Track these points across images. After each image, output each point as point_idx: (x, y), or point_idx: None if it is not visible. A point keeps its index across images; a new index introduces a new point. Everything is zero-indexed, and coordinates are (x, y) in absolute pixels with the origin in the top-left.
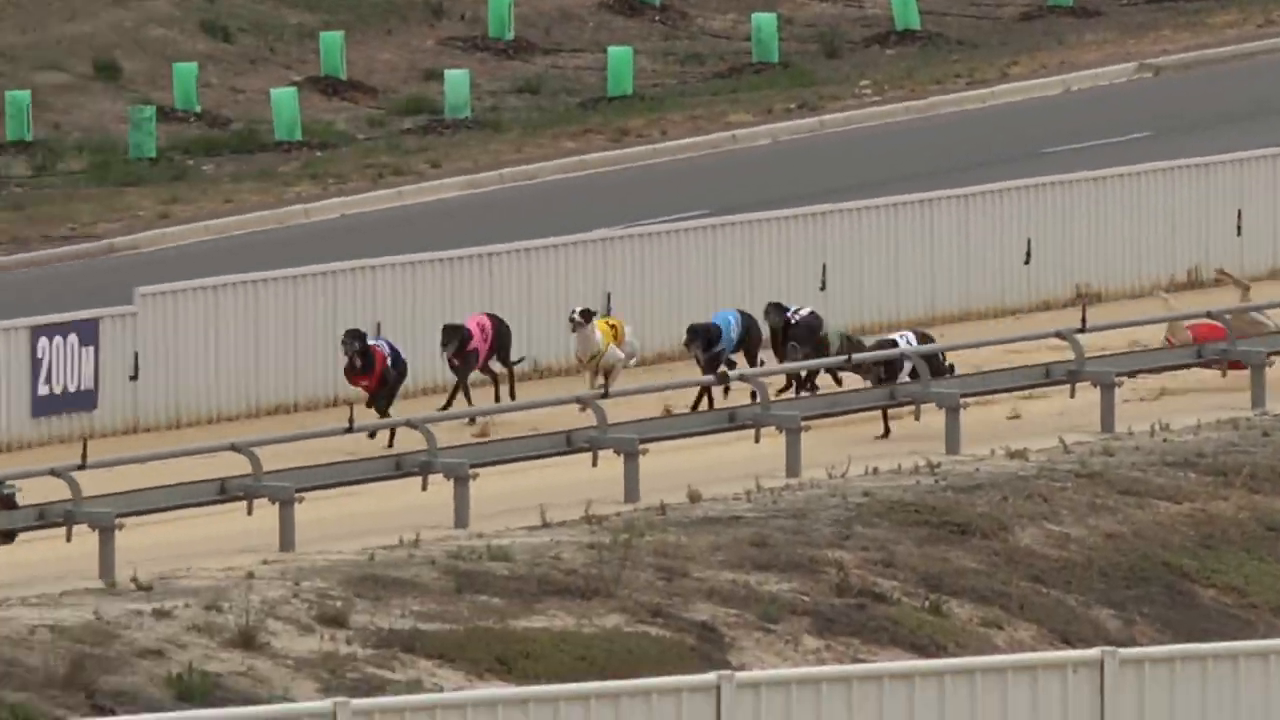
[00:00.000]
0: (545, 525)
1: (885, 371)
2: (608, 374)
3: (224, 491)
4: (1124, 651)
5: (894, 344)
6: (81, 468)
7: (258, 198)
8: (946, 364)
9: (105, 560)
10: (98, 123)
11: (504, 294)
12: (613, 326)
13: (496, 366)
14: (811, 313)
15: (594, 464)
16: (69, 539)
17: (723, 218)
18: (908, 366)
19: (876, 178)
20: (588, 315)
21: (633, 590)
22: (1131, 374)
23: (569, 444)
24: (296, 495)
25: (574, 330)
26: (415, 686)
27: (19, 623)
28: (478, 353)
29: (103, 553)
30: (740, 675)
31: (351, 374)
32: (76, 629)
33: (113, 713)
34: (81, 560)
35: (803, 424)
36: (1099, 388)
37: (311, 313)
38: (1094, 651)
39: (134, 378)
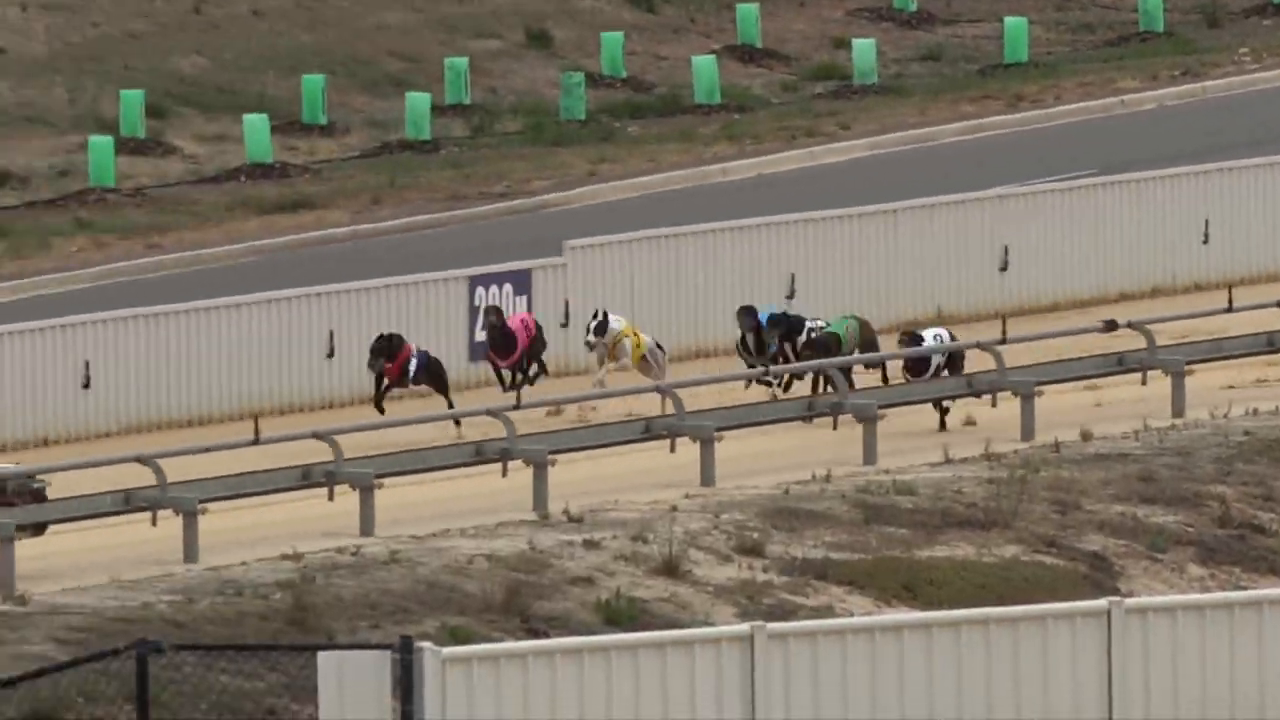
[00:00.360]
0: (947, 461)
1: (913, 368)
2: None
3: (648, 431)
4: (1129, 601)
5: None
6: (516, 408)
7: (678, 157)
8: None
9: (539, 494)
10: (531, 87)
11: (908, 248)
12: (634, 334)
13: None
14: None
15: (993, 404)
16: (504, 474)
17: (1111, 177)
18: (936, 361)
19: (1256, 138)
20: (603, 328)
21: (1029, 522)
22: None
23: (969, 386)
24: (716, 435)
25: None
26: (826, 612)
27: (458, 552)
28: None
29: (536, 487)
30: (1129, 601)
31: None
32: (512, 558)
33: (545, 635)
34: (515, 494)
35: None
36: None
37: (726, 265)
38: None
39: (564, 325)
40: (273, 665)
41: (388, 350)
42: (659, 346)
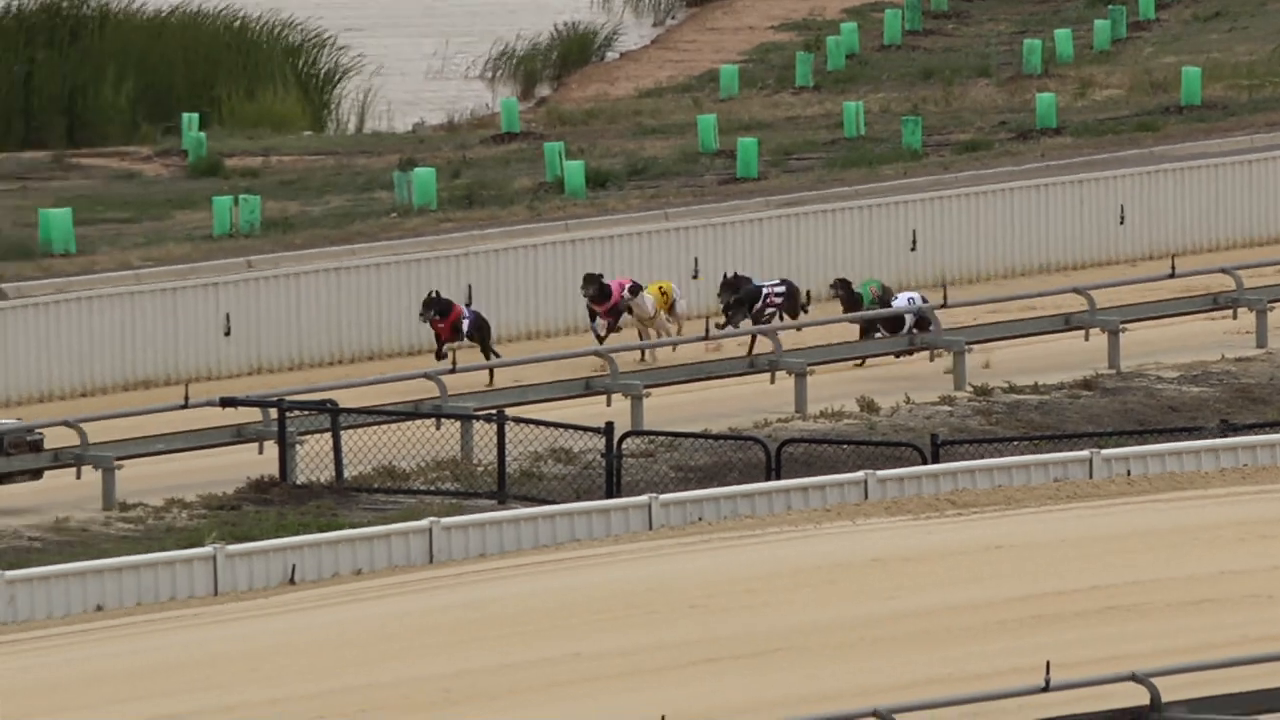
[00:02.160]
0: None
1: (889, 327)
2: (659, 330)
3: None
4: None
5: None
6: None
7: None
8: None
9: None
10: None
11: None
12: (663, 291)
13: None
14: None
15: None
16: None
17: None
18: (909, 321)
19: None
20: (636, 289)
21: None
22: None
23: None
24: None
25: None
26: None
27: None
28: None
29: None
30: None
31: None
32: None
33: None
34: None
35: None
36: None
37: None
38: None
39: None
40: None
41: (438, 306)
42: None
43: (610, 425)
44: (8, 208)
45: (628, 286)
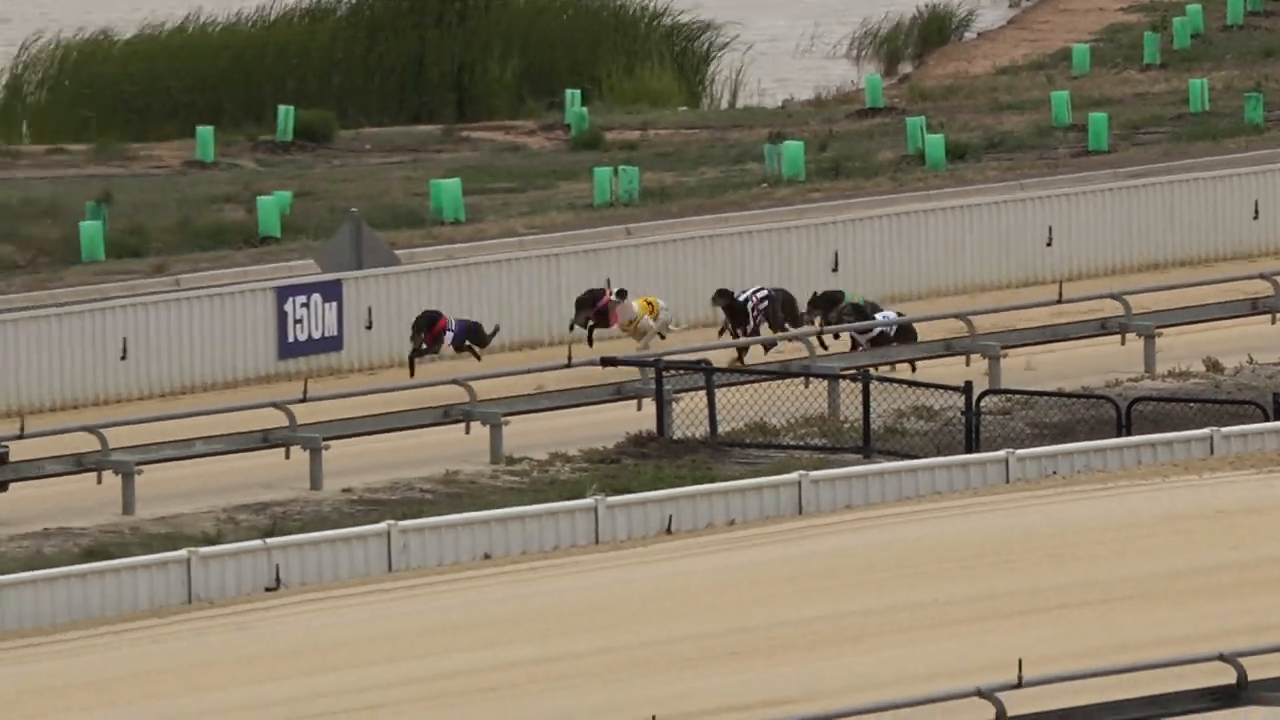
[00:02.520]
0: None
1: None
2: (640, 337)
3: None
4: None
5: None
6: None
7: None
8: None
9: None
10: None
11: None
12: (649, 303)
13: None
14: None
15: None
16: None
17: None
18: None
19: None
20: (623, 294)
21: None
22: None
23: None
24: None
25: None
26: None
27: None
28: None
29: None
30: None
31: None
32: None
33: None
34: None
35: None
36: None
37: None
38: None
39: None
40: None
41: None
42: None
43: (969, 384)
44: (401, 178)
45: (614, 292)
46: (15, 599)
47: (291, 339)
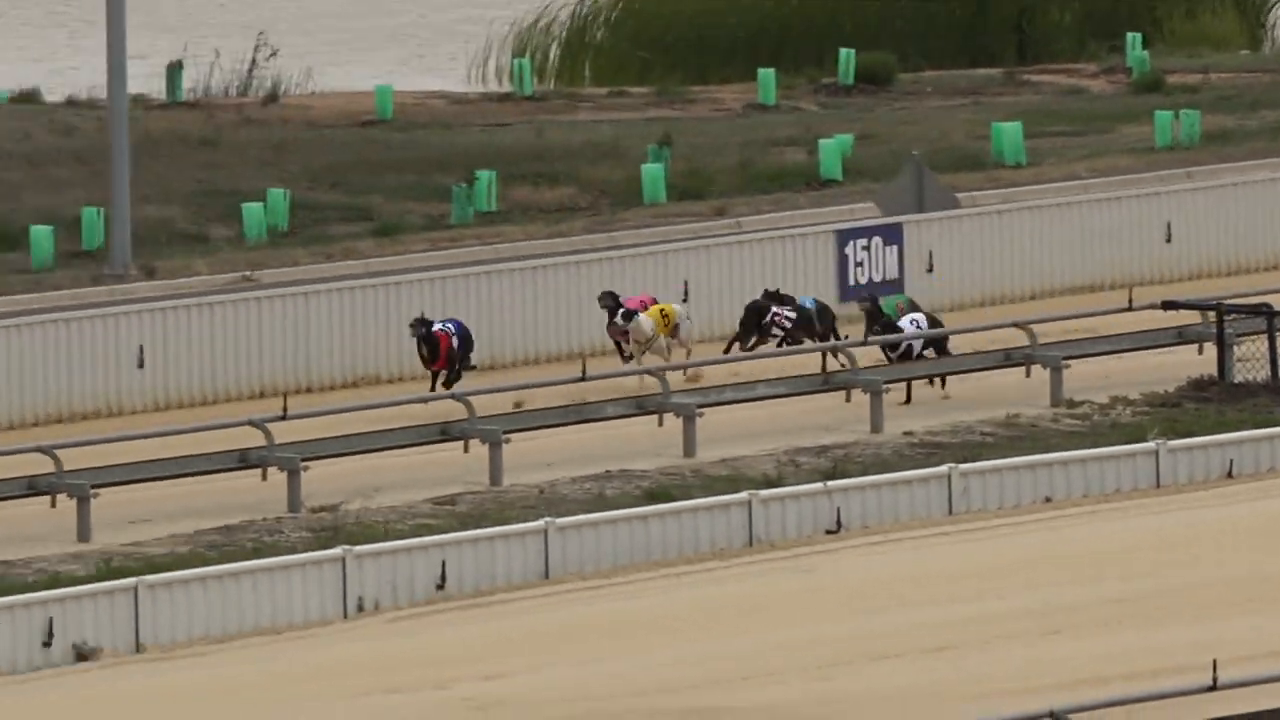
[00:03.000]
0: None
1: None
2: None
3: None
4: None
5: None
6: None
7: None
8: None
9: None
10: None
11: None
12: (665, 315)
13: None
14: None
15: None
16: None
17: None
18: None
19: None
20: (629, 315)
21: None
22: None
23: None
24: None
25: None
26: None
27: None
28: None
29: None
30: None
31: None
32: None
33: None
34: None
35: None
36: None
37: None
38: None
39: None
40: None
41: (429, 346)
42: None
43: None
44: (961, 121)
45: (621, 314)
46: (577, 541)
47: (852, 282)
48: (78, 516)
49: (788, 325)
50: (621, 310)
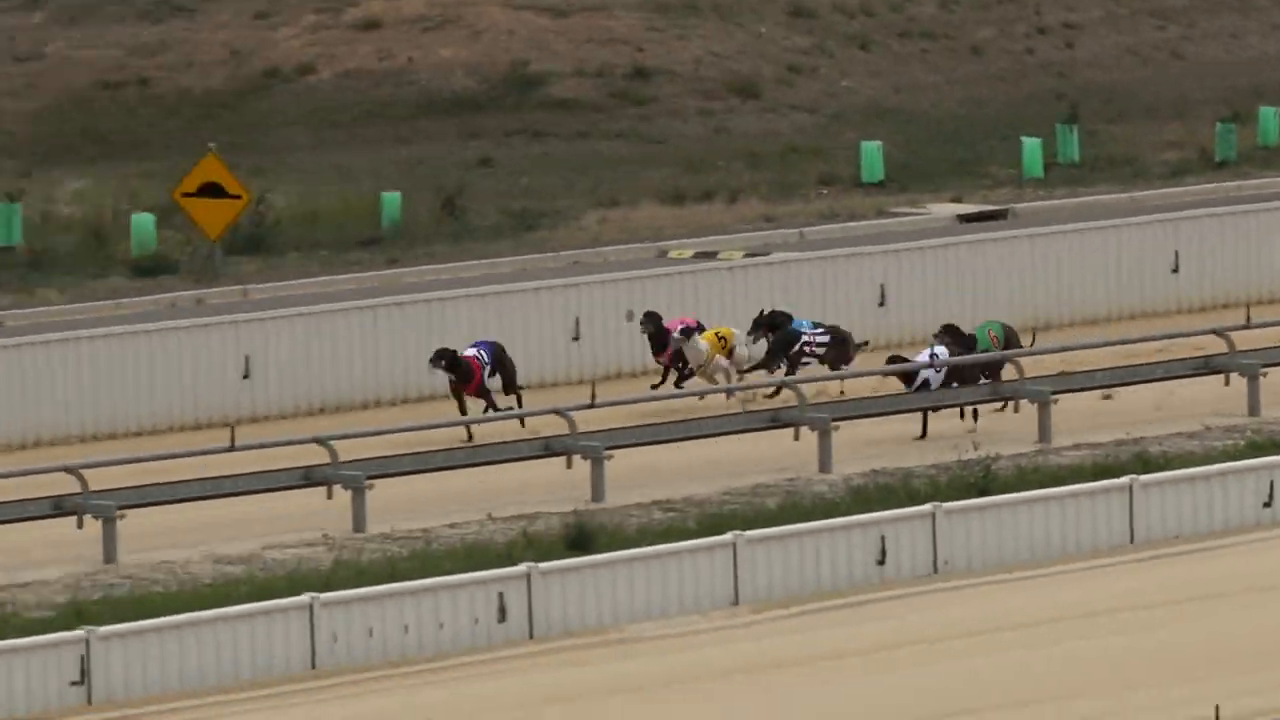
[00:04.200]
0: None
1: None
2: (709, 377)
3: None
4: None
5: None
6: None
7: None
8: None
9: None
10: None
11: None
12: (722, 338)
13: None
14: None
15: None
16: None
17: None
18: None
19: None
20: (688, 332)
21: None
22: None
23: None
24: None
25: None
26: None
27: None
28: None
29: None
30: None
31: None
32: None
33: None
34: None
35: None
36: None
37: None
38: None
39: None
40: None
41: (456, 373)
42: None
43: None
44: None
45: (679, 329)
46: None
47: None
48: None
49: (820, 352)
50: (681, 328)
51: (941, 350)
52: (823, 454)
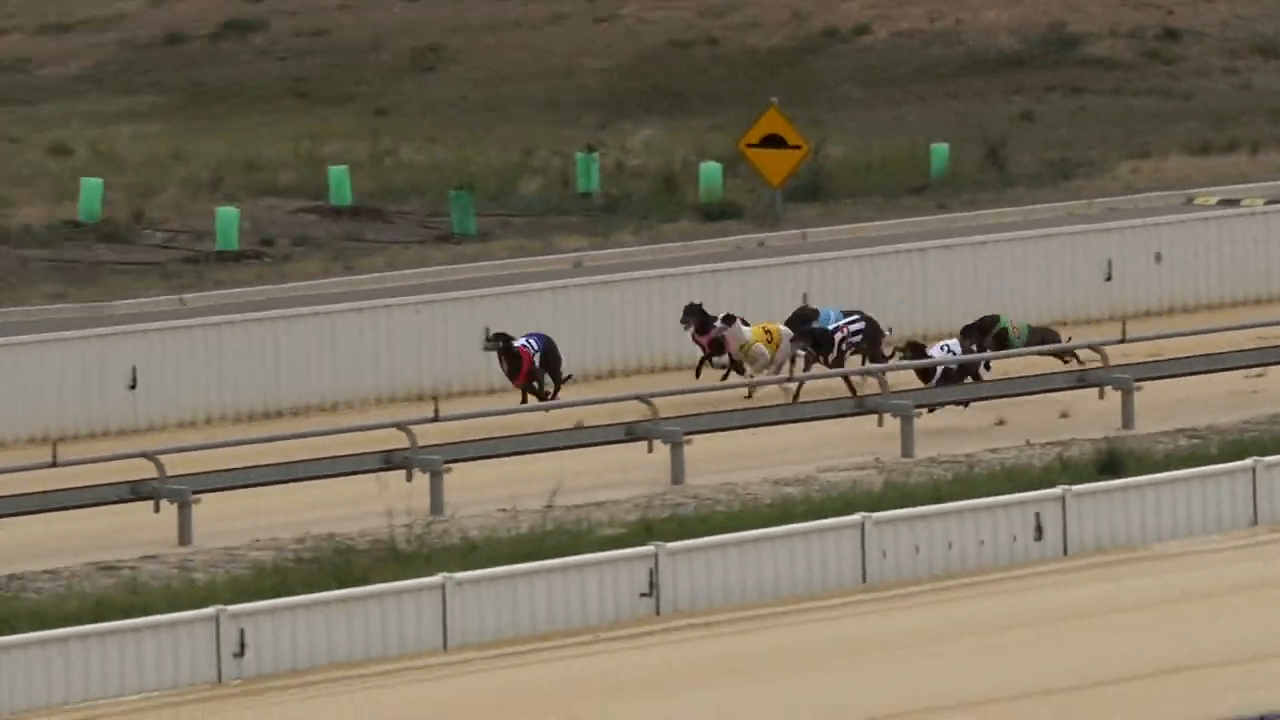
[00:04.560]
0: None
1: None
2: (745, 365)
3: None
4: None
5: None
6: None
7: None
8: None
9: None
10: None
11: None
12: (768, 332)
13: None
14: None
15: None
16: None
17: None
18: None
19: None
20: (730, 319)
21: None
22: None
23: None
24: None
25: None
26: None
27: None
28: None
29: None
30: None
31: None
32: None
33: None
34: None
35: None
36: None
37: None
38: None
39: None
40: None
41: (508, 358)
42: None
43: None
44: None
45: (723, 316)
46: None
47: None
48: None
49: (857, 340)
50: (724, 314)
51: (953, 343)
52: None
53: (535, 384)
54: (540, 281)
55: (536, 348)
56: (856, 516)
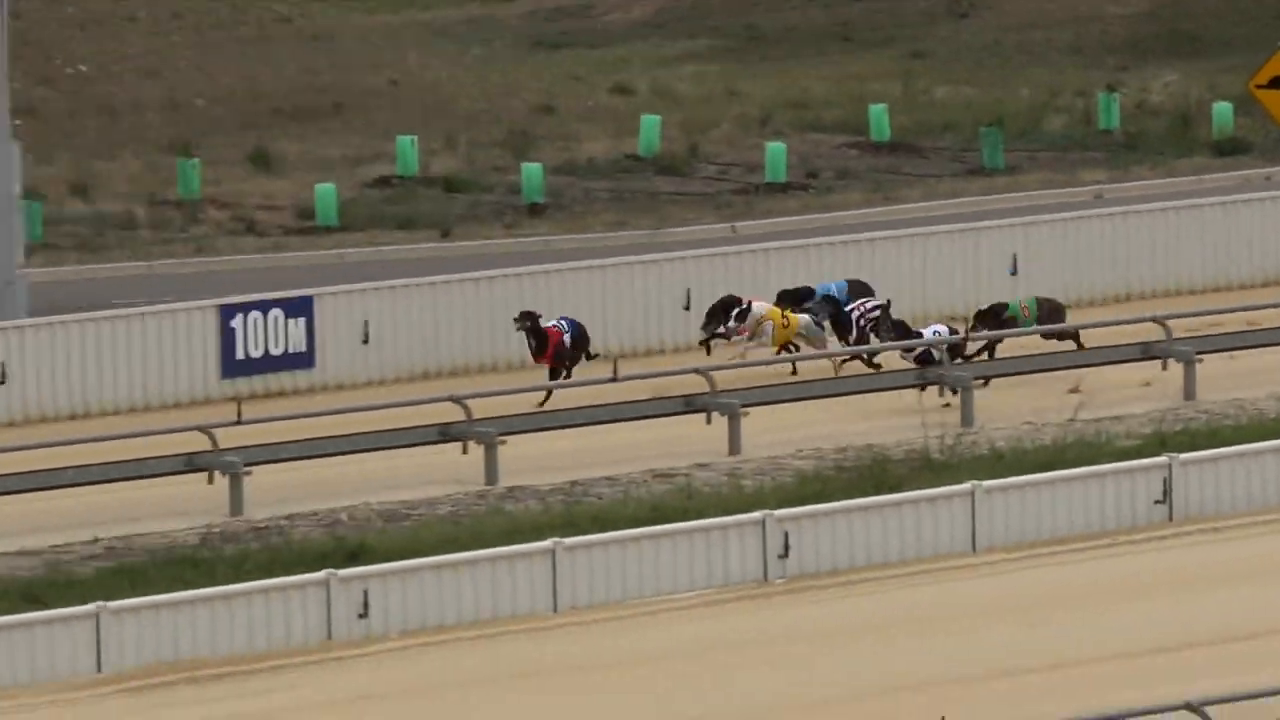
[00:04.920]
0: None
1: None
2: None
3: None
4: None
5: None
6: None
7: None
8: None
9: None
10: None
11: None
12: (786, 318)
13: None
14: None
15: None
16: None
17: None
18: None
19: None
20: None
21: None
22: None
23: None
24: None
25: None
26: None
27: None
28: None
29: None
30: None
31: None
32: None
33: None
34: None
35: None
36: None
37: None
38: None
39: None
40: None
41: (536, 338)
42: (818, 324)
43: None
44: None
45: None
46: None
47: None
48: None
49: (876, 316)
50: (738, 310)
51: (943, 328)
52: None
53: (565, 364)
54: (1063, 212)
55: (567, 329)
56: None
